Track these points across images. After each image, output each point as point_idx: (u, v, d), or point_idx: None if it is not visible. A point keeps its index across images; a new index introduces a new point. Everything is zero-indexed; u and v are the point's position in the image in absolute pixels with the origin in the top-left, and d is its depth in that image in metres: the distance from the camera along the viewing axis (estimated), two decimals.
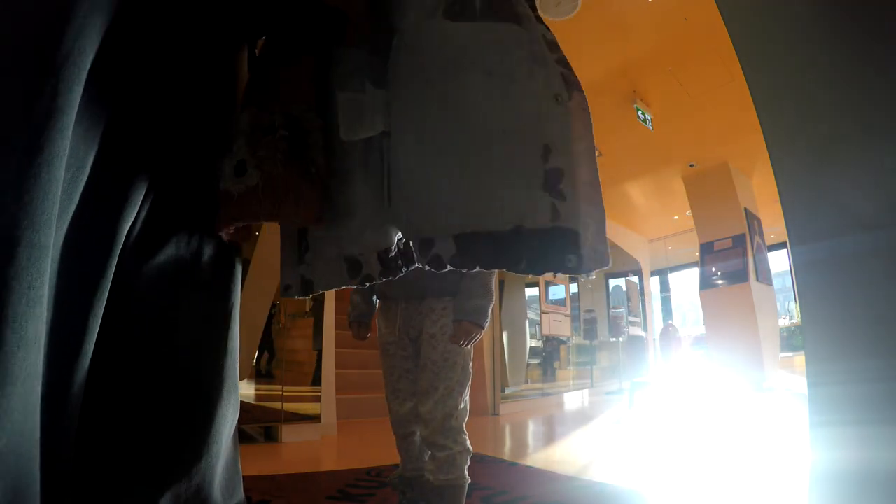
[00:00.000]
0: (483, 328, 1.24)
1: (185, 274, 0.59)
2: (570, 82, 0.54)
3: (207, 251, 0.61)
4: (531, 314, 5.46)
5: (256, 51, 0.72)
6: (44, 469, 0.42)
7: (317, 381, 3.01)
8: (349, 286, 0.66)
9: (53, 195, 0.39)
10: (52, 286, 0.44)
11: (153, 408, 0.55)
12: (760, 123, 0.51)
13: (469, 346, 1.26)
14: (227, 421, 0.61)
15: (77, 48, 0.40)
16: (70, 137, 0.41)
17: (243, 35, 0.68)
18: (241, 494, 0.65)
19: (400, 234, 0.63)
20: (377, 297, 1.39)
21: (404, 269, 0.64)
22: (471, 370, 1.28)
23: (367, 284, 0.65)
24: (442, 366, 1.24)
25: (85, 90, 0.43)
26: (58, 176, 0.40)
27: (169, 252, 0.58)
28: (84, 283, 0.47)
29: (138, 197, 0.52)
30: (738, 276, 5.62)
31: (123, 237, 0.51)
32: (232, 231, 0.61)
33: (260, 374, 3.23)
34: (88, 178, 0.47)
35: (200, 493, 0.57)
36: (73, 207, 0.45)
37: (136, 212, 0.52)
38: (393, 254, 0.64)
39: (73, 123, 0.41)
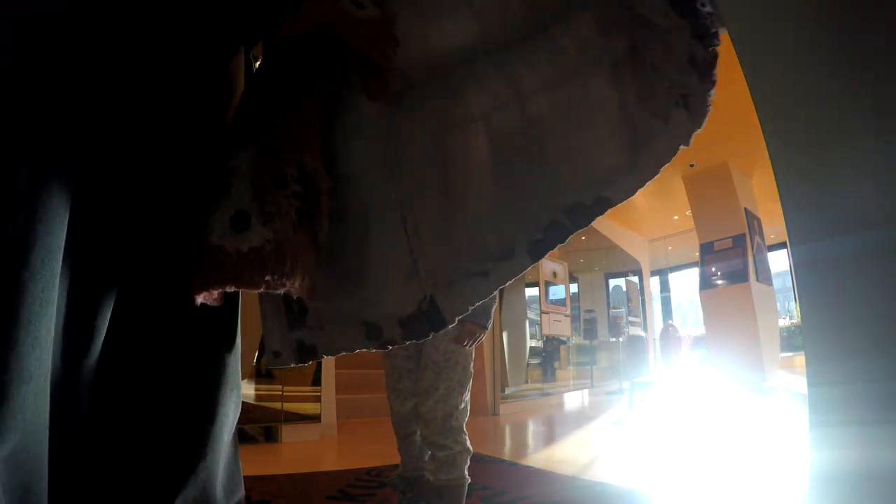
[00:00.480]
0: (487, 329, 1.25)
1: (187, 273, 0.59)
2: None
3: None
4: (531, 314, 5.46)
5: (252, 54, 0.70)
6: (53, 469, 0.43)
7: (317, 381, 3.01)
8: (369, 349, 0.60)
9: (65, 199, 0.40)
10: (64, 288, 0.45)
11: (160, 410, 0.56)
12: (760, 123, 0.51)
13: (472, 347, 1.27)
14: (229, 420, 0.62)
15: (80, 63, 0.41)
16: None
17: (242, 38, 0.67)
18: (241, 492, 0.65)
19: (424, 295, 0.59)
20: None
21: (432, 333, 0.59)
22: (471, 370, 1.29)
23: (390, 347, 0.60)
24: (443, 366, 1.24)
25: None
26: (69, 181, 0.41)
27: (171, 251, 0.58)
28: (92, 285, 0.48)
29: (142, 202, 0.53)
30: (738, 276, 5.62)
31: (130, 240, 0.51)
32: (214, 296, 0.49)
33: (260, 374, 3.23)
34: (96, 182, 0.47)
35: (206, 492, 0.57)
36: (80, 211, 0.46)
37: (141, 216, 0.53)
38: (414, 313, 0.59)
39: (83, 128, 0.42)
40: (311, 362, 0.59)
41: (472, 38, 0.62)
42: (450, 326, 0.61)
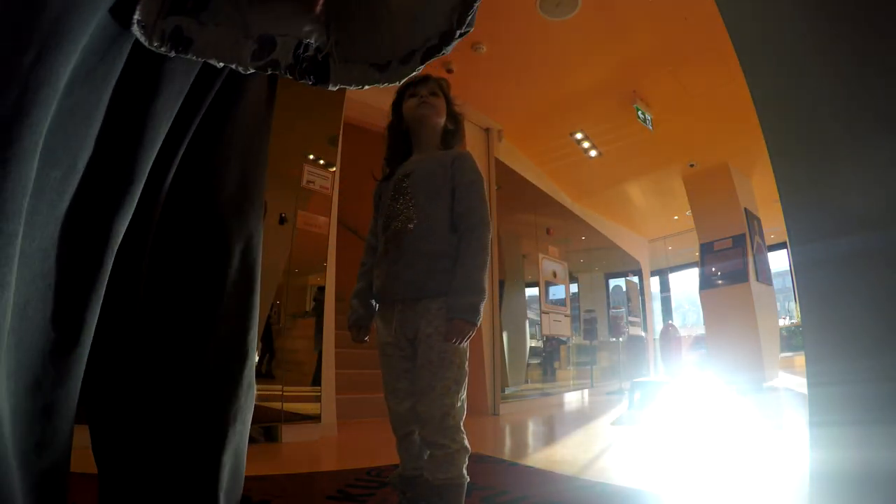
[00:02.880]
0: (476, 325, 1.24)
1: (212, 278, 0.60)
2: None
3: (235, 254, 0.62)
4: (531, 314, 5.46)
5: None
6: (26, 460, 0.42)
7: (317, 381, 3.01)
8: (240, 68, 0.58)
9: (24, 188, 0.39)
10: (51, 282, 0.45)
11: (183, 407, 0.56)
12: (760, 123, 0.51)
13: (464, 345, 1.26)
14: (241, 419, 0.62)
15: (46, 49, 0.40)
16: (45, 135, 0.41)
17: None
18: (239, 495, 0.65)
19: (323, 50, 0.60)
20: (375, 301, 1.39)
21: (310, 81, 0.60)
22: (466, 369, 1.28)
23: (269, 71, 0.59)
24: (438, 365, 1.24)
25: (70, 92, 0.43)
26: (28, 170, 0.39)
27: (190, 254, 0.58)
28: (80, 279, 0.48)
29: (134, 198, 0.52)
30: (738, 276, 5.62)
31: (120, 235, 0.51)
32: None
33: (260, 374, 3.23)
34: (82, 177, 0.47)
35: (220, 490, 0.58)
36: (64, 206, 0.46)
37: (131, 212, 0.52)
38: (309, 53, 0.60)
39: (45, 121, 0.41)
40: (174, 54, 0.52)
41: None
42: None
